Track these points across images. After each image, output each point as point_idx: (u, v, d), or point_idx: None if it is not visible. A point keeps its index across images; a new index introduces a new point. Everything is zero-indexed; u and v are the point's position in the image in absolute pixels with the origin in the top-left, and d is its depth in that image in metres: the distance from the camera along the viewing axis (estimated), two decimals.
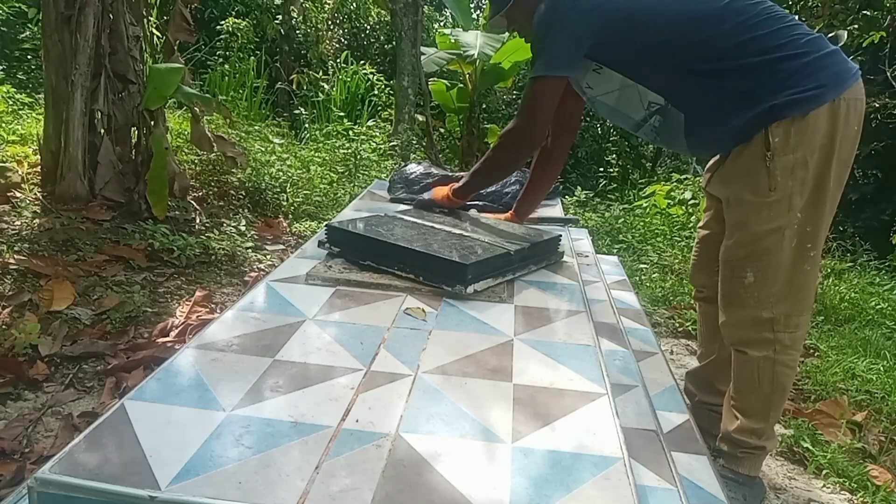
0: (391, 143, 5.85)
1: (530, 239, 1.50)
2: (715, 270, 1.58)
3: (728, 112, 1.40)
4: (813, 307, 1.59)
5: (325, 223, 1.45)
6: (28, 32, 5.81)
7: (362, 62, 7.45)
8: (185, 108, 4.39)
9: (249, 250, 3.14)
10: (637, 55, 1.48)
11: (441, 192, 1.79)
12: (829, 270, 4.20)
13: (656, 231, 4.81)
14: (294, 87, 7.49)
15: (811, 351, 2.89)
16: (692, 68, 1.41)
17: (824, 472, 1.89)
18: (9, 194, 2.87)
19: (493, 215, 1.83)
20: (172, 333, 2.19)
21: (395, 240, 1.36)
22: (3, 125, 3.84)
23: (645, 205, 5.33)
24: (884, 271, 4.44)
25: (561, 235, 1.61)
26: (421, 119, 6.93)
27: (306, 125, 6.31)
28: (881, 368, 2.63)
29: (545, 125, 1.59)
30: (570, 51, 1.48)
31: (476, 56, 6.35)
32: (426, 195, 1.85)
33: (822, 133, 1.34)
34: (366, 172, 4.90)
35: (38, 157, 3.11)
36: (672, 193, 5.73)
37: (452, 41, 6.60)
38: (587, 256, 2.01)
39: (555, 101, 1.52)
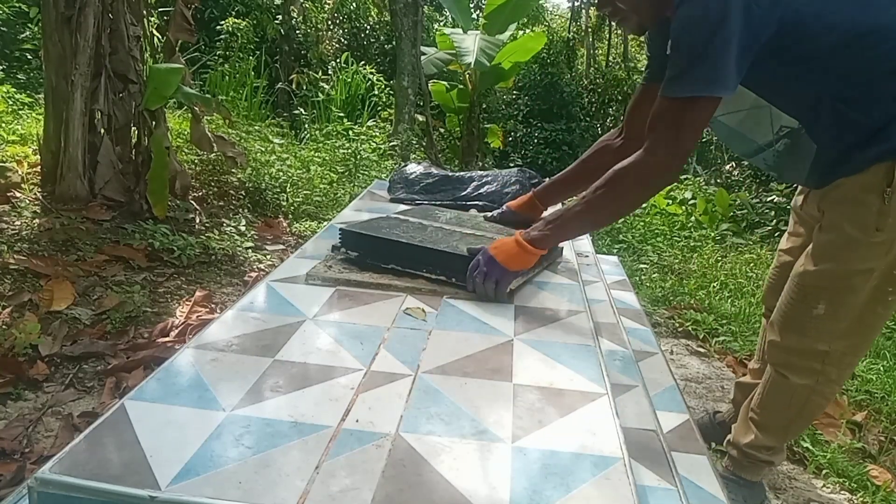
0: (391, 143, 5.86)
1: None
2: None
3: (863, 139, 1.23)
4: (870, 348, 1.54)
5: (340, 228, 1.39)
6: (28, 32, 5.81)
7: (362, 62, 7.46)
8: (185, 108, 4.39)
9: (249, 250, 3.14)
10: (790, 71, 1.22)
11: (506, 247, 1.27)
12: None
13: (656, 231, 4.81)
14: (294, 87, 7.49)
15: None
16: (842, 96, 1.22)
17: (824, 472, 1.89)
18: (9, 194, 2.87)
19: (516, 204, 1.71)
20: (172, 333, 2.19)
21: (424, 242, 1.34)
22: (3, 125, 3.84)
23: (646, 205, 5.34)
24: None
25: None
26: (421, 119, 6.93)
27: (306, 125, 6.31)
28: (881, 368, 2.63)
29: (686, 158, 1.25)
30: (739, 59, 1.13)
31: (472, 64, 6.35)
32: (481, 258, 1.25)
33: None
34: (366, 172, 4.90)
35: (38, 157, 3.11)
36: (672, 193, 5.72)
37: (452, 41, 6.61)
38: (587, 256, 2.01)
39: (703, 127, 1.22)
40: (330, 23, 9.52)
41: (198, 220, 3.26)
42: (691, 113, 1.17)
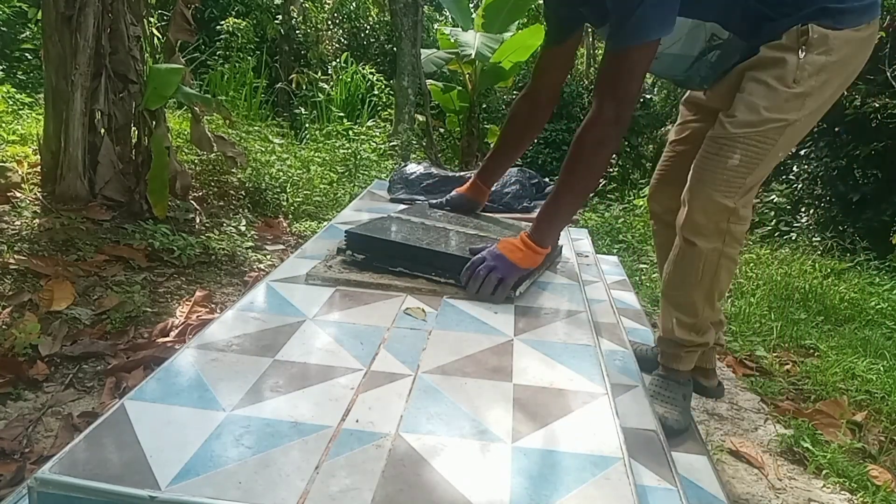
0: (391, 143, 5.86)
1: None
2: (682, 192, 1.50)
3: (781, 14, 1.34)
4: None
5: (346, 231, 1.38)
6: (28, 32, 5.81)
7: (362, 62, 7.46)
8: (185, 108, 4.39)
9: (249, 250, 3.14)
10: None
11: (514, 245, 1.31)
12: (829, 270, 4.20)
13: None
14: (294, 87, 7.49)
15: (811, 351, 2.89)
16: None
17: (824, 472, 1.89)
18: (9, 194, 2.87)
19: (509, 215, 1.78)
20: (172, 333, 2.19)
21: (431, 245, 1.34)
22: (3, 125, 3.84)
23: (644, 205, 5.33)
24: (884, 271, 4.44)
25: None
26: (421, 119, 6.93)
27: (306, 125, 6.31)
28: (881, 368, 2.63)
29: (634, 104, 1.34)
30: (674, 2, 1.24)
31: (473, 56, 6.35)
32: (487, 255, 1.28)
33: (853, 50, 1.34)
34: (366, 172, 4.90)
35: (38, 157, 3.11)
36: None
37: (452, 41, 6.61)
38: (587, 256, 2.01)
39: (647, 70, 1.30)
40: (330, 23, 9.52)
41: (198, 220, 3.26)
42: (639, 59, 1.25)
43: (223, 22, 6.97)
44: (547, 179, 2.30)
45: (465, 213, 1.75)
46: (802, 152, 6.11)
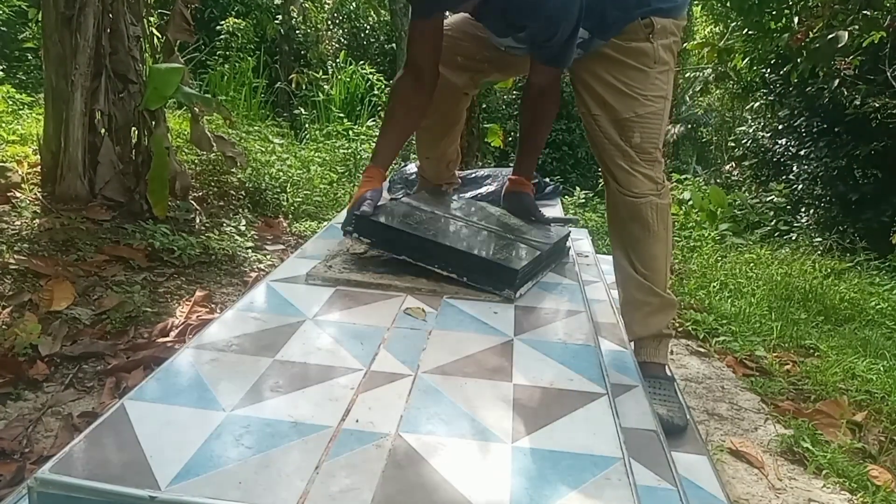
0: None
1: (551, 238, 1.50)
2: None
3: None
4: None
5: (354, 213, 1.37)
6: (28, 32, 5.81)
7: (362, 62, 7.45)
8: (185, 108, 4.39)
9: (249, 250, 3.14)
10: None
11: (523, 185, 1.70)
12: (829, 270, 4.20)
13: None
14: (294, 87, 7.49)
15: (811, 351, 2.89)
16: None
17: (824, 472, 1.89)
18: (9, 194, 2.87)
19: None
20: (172, 333, 2.19)
21: (438, 237, 1.33)
22: (3, 125, 3.84)
23: None
24: (884, 271, 4.44)
25: (570, 232, 1.62)
26: None
27: (306, 125, 6.31)
28: (881, 368, 2.63)
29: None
30: None
31: None
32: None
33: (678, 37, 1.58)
34: None
35: (38, 157, 3.11)
36: (670, 193, 5.71)
37: None
38: (587, 256, 2.01)
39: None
40: (330, 23, 9.52)
41: (198, 220, 3.26)
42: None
43: (223, 22, 6.96)
44: (547, 179, 2.30)
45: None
46: (802, 152, 6.12)
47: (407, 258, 1.31)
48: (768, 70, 6.44)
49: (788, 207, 5.98)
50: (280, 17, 8.42)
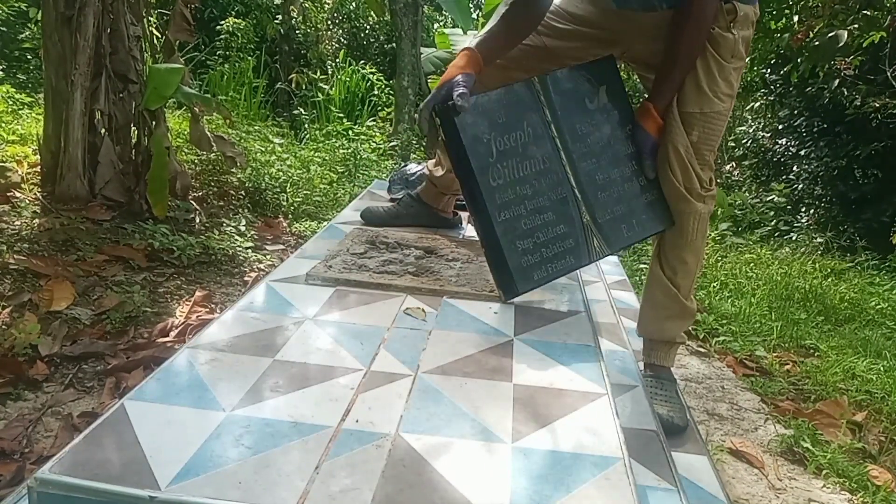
0: (391, 143, 5.86)
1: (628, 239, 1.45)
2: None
3: None
4: None
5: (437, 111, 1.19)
6: (28, 32, 5.81)
7: (362, 62, 7.45)
8: (184, 108, 4.39)
9: (249, 250, 3.14)
10: None
11: (648, 116, 1.45)
12: (829, 270, 4.20)
13: None
14: (294, 87, 7.49)
15: (811, 351, 2.89)
16: None
17: (824, 472, 1.89)
18: (9, 194, 2.87)
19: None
20: (172, 333, 2.19)
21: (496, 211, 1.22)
22: (3, 125, 3.84)
23: None
24: (884, 271, 4.44)
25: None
26: None
27: (306, 125, 6.31)
28: (881, 368, 2.63)
29: None
30: None
31: None
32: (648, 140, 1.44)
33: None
34: (366, 172, 4.90)
35: (38, 157, 3.11)
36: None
37: (451, 42, 6.60)
38: None
39: None
40: (329, 23, 9.52)
41: (198, 220, 3.26)
42: None
43: (223, 22, 6.96)
44: None
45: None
46: (802, 152, 6.12)
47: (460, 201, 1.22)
48: (768, 70, 6.45)
49: (788, 207, 5.98)
50: (280, 17, 8.41)
